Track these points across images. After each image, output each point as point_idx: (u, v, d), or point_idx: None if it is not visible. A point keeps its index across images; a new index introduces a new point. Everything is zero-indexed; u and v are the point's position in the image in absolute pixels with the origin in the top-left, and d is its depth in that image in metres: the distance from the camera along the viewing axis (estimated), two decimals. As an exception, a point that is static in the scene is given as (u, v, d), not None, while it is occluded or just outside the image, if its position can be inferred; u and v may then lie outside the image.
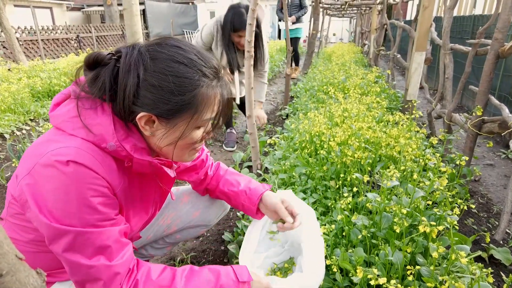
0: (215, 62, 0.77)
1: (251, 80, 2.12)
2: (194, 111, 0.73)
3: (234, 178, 1.14)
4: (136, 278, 0.73)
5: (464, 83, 2.22)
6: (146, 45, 0.74)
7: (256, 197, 1.06)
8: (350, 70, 4.08)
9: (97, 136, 0.70)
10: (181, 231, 1.23)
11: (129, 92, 0.70)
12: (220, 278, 0.79)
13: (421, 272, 0.86)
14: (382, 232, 1.13)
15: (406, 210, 0.95)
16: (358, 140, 1.71)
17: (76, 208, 0.67)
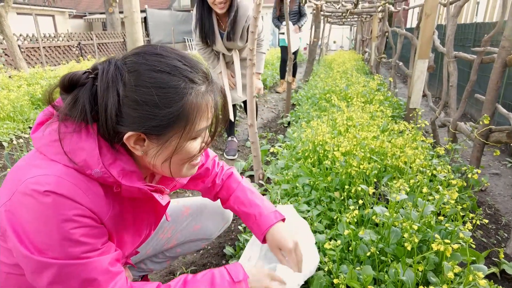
0: (203, 66, 0.71)
1: (253, 89, 2.08)
2: (186, 122, 0.67)
3: (247, 196, 1.04)
4: None
5: (469, 91, 2.19)
6: (123, 57, 0.67)
7: (264, 227, 0.98)
8: (352, 78, 4.05)
9: (80, 163, 0.64)
10: (182, 244, 1.19)
11: (111, 112, 0.63)
12: (215, 281, 0.78)
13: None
14: (391, 247, 1.08)
15: (417, 225, 0.91)
16: (363, 150, 1.67)
17: (58, 240, 0.62)
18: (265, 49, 2.70)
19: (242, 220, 1.05)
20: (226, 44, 2.55)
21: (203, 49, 2.63)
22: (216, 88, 0.73)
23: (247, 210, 1.01)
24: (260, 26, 2.65)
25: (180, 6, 21.85)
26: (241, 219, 1.06)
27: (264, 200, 1.04)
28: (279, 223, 0.99)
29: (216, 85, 0.73)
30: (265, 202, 1.04)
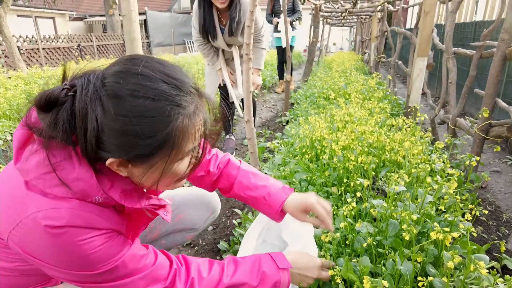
0: (191, 81, 0.66)
1: (249, 83, 2.06)
2: (171, 147, 0.63)
3: (250, 180, 1.01)
4: (192, 277, 0.76)
5: (469, 87, 2.16)
6: (103, 76, 0.61)
7: (277, 205, 0.96)
8: (351, 77, 4.03)
9: (78, 193, 0.63)
10: (166, 236, 1.16)
11: (91, 138, 0.59)
12: (262, 265, 0.83)
13: (433, 284, 0.78)
14: (389, 240, 1.05)
15: (416, 216, 0.88)
16: (361, 144, 1.64)
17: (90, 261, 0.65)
18: (265, 45, 2.66)
19: (251, 205, 1.02)
20: (227, 40, 2.53)
21: (203, 45, 2.61)
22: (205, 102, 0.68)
23: (254, 194, 0.98)
24: (260, 22, 2.62)
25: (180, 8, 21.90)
26: (249, 205, 1.03)
27: (269, 179, 1.02)
28: (291, 195, 0.98)
29: (205, 98, 0.69)
30: (271, 180, 1.01)
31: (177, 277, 0.76)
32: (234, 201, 2.03)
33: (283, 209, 0.97)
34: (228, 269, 0.83)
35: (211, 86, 2.84)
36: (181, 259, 0.81)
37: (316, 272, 0.92)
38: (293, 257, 0.91)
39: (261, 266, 0.84)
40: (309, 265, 0.91)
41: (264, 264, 0.84)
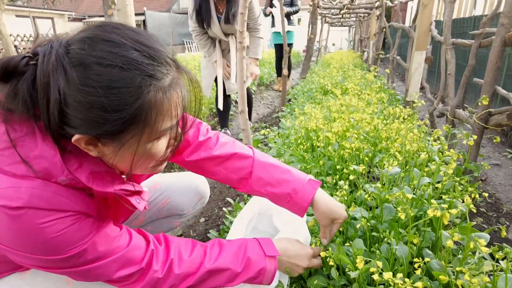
0: (169, 53, 0.60)
1: (243, 74, 2.01)
2: (144, 124, 0.56)
3: (271, 175, 0.88)
4: (171, 258, 0.73)
5: (468, 76, 2.11)
6: (67, 42, 0.55)
7: (305, 203, 0.87)
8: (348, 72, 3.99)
9: (41, 172, 0.57)
10: (152, 222, 1.11)
11: (54, 112, 0.53)
12: (247, 250, 0.79)
13: (431, 265, 0.73)
14: (384, 225, 1.00)
15: (412, 196, 0.83)
16: (357, 133, 1.59)
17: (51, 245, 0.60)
18: (262, 34, 2.64)
19: (271, 200, 0.92)
20: (224, 28, 2.49)
21: (199, 35, 2.57)
22: (185, 77, 0.62)
23: (277, 191, 0.87)
24: (257, 11, 2.60)
25: (179, 8, 21.88)
26: (267, 198, 0.93)
27: (292, 172, 0.90)
28: (318, 192, 0.88)
29: (185, 72, 0.62)
30: (294, 173, 0.90)
31: (154, 259, 0.71)
32: (227, 192, 1.98)
33: (312, 205, 0.89)
34: (211, 253, 0.78)
35: (207, 79, 2.80)
36: (162, 239, 0.76)
37: (307, 261, 0.87)
38: (282, 245, 0.86)
39: (246, 252, 0.79)
40: (299, 254, 0.87)
41: (250, 249, 0.80)
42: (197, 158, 0.91)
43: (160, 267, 0.71)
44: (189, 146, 0.92)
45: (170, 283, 0.72)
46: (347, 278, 0.93)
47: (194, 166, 0.94)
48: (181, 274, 0.73)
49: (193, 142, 0.92)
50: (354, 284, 0.80)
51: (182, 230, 1.67)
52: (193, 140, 0.92)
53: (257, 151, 0.94)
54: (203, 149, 0.91)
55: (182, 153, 0.92)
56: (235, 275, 0.78)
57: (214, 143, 0.92)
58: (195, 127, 0.93)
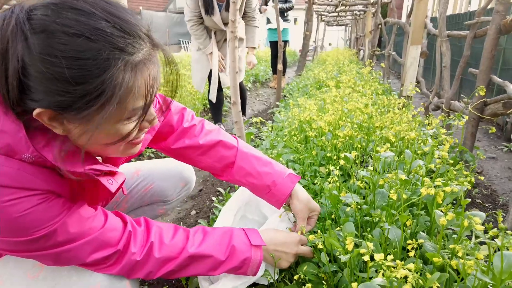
0: (144, 27, 0.55)
1: (235, 64, 1.97)
2: (109, 101, 0.51)
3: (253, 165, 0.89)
4: (151, 241, 0.69)
5: (463, 68, 2.09)
6: (31, 8, 0.50)
7: (283, 196, 0.89)
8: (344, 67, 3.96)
9: (3, 149, 0.53)
10: (135, 210, 1.07)
11: (12, 82, 0.49)
12: (233, 238, 0.77)
13: (424, 247, 0.69)
14: (376, 211, 0.97)
15: (405, 178, 0.79)
16: (351, 122, 1.56)
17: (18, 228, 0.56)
18: (258, 23, 2.64)
19: (251, 190, 0.94)
20: (224, 16, 2.46)
21: (196, 25, 2.53)
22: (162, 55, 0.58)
23: (257, 182, 0.89)
24: (254, 3, 2.62)
25: (175, 8, 21.82)
26: (247, 188, 0.95)
27: (273, 165, 0.91)
28: (297, 186, 0.91)
29: (162, 51, 0.58)
30: (275, 166, 0.91)
31: (131, 240, 0.67)
32: (219, 184, 1.94)
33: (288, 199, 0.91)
34: (194, 238, 0.75)
35: (201, 73, 2.75)
36: (142, 221, 0.73)
37: (295, 247, 0.84)
38: (268, 235, 0.83)
39: (231, 240, 0.76)
40: (286, 241, 0.84)
41: (235, 238, 0.77)
42: (182, 146, 0.89)
43: (139, 250, 0.67)
44: (174, 132, 0.89)
45: (149, 267, 0.68)
46: (338, 265, 0.89)
47: (178, 153, 0.91)
48: (161, 258, 0.69)
49: (177, 128, 0.89)
50: (345, 269, 0.76)
51: (172, 222, 1.63)
52: (177, 126, 0.89)
53: (241, 141, 0.94)
54: (188, 136, 0.89)
55: (167, 139, 0.89)
56: (219, 263, 0.74)
57: (199, 131, 0.90)
58: (179, 112, 0.90)
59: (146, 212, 1.08)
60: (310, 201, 0.91)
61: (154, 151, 2.61)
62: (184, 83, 3.82)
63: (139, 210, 1.07)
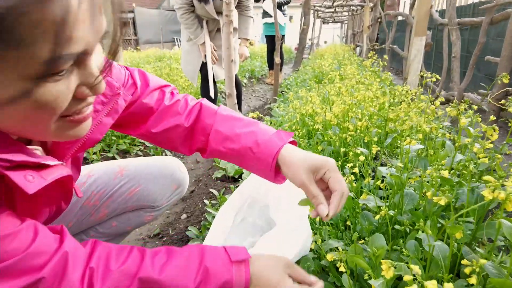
0: None
1: (230, 52, 1.79)
2: (7, 44, 0.31)
3: (231, 127, 0.68)
4: (90, 267, 0.51)
5: (477, 56, 1.93)
6: None
7: (270, 157, 0.63)
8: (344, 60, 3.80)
9: None
10: (117, 217, 0.88)
11: None
12: (205, 257, 0.57)
13: (484, 269, 0.52)
14: (405, 216, 0.79)
15: (446, 175, 0.62)
16: (362, 113, 1.38)
17: None
18: (252, 13, 2.46)
19: (237, 163, 0.71)
20: (217, 5, 2.27)
21: (187, 14, 2.33)
22: None
23: (237, 146, 0.66)
24: None
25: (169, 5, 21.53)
26: (235, 164, 0.72)
27: (258, 124, 0.69)
28: (287, 146, 0.63)
29: None
30: (261, 125, 0.69)
31: (69, 265, 0.47)
32: (213, 184, 1.76)
33: (279, 163, 0.63)
34: (154, 261, 0.54)
35: (193, 64, 2.56)
36: (89, 244, 0.54)
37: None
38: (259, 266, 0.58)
39: (203, 260, 0.56)
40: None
41: (208, 256, 0.56)
42: (166, 127, 0.70)
43: (78, 279, 0.48)
44: (154, 113, 0.70)
45: None
46: (361, 285, 0.71)
47: (162, 138, 0.72)
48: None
49: (158, 108, 0.70)
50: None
51: (160, 228, 1.44)
52: (157, 106, 0.70)
53: (223, 106, 0.74)
54: (171, 115, 0.70)
55: (146, 122, 0.70)
56: None
57: (183, 107, 0.72)
58: (159, 89, 0.71)
59: (131, 219, 0.89)
60: (309, 157, 0.61)
61: (143, 148, 2.41)
62: (176, 77, 3.63)
63: (123, 216, 0.89)
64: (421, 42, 3.13)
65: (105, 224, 0.88)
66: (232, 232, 0.83)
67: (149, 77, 0.72)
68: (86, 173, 0.84)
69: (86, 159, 2.16)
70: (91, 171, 0.85)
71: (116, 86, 0.58)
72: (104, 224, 0.88)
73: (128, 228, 0.93)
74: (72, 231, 0.85)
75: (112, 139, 2.33)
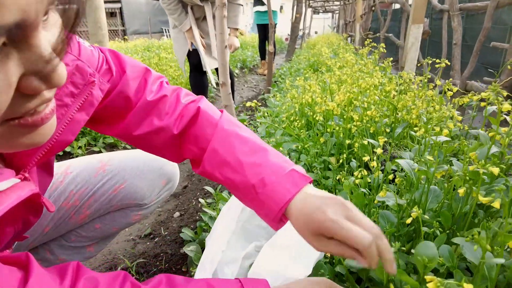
0: None
1: (224, 37, 1.67)
2: None
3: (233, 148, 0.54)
4: None
5: (482, 42, 1.85)
6: None
7: (276, 206, 0.49)
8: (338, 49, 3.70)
9: None
10: (101, 217, 0.77)
11: None
12: None
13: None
14: (428, 214, 0.70)
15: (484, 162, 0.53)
16: (367, 102, 1.29)
17: None
18: (242, 1, 2.31)
19: (230, 190, 0.57)
20: None
21: None
22: None
23: (237, 178, 0.53)
24: None
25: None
26: (230, 190, 0.58)
27: (268, 152, 0.54)
28: (302, 193, 0.49)
29: None
30: (271, 156, 0.54)
31: None
32: (208, 180, 1.66)
33: (288, 213, 0.50)
34: None
35: (179, 53, 2.44)
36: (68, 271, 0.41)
37: None
38: None
39: None
40: None
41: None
42: (148, 130, 0.56)
43: None
44: (133, 108, 0.57)
45: None
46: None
47: (143, 142, 0.59)
48: None
49: (138, 101, 0.57)
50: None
51: (151, 227, 1.34)
52: (136, 98, 0.57)
53: (226, 115, 0.60)
54: (156, 114, 0.57)
55: (124, 119, 0.57)
56: None
57: (172, 105, 0.58)
58: (140, 76, 0.57)
59: (116, 219, 0.79)
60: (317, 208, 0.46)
61: (132, 142, 2.29)
62: (165, 67, 3.48)
63: (107, 217, 0.78)
64: (418, 29, 3.04)
65: (87, 226, 0.77)
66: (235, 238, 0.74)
67: (124, 59, 0.57)
68: (63, 170, 0.73)
69: (70, 154, 2.03)
70: (69, 167, 0.74)
71: (89, 72, 0.46)
72: (87, 227, 0.77)
73: (114, 229, 0.83)
74: (49, 237, 0.74)
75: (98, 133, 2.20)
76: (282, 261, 0.64)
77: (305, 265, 0.64)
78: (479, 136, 0.74)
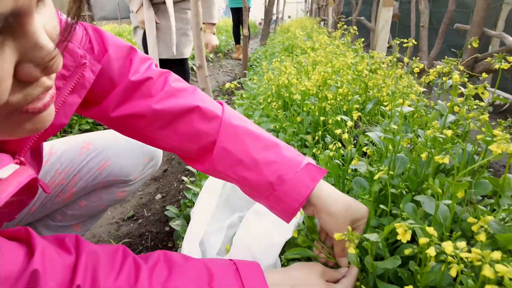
0: None
1: (199, 18, 1.66)
2: None
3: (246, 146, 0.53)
4: (77, 285, 0.39)
5: (447, 24, 1.95)
6: None
7: (296, 202, 0.52)
8: (312, 33, 3.75)
9: None
10: (86, 195, 0.79)
11: None
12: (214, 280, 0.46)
13: (491, 228, 0.50)
14: (396, 180, 0.77)
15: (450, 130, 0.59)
16: (340, 81, 1.35)
17: None
18: None
19: (243, 190, 0.57)
20: None
21: None
22: None
23: (254, 177, 0.53)
24: None
25: (124, -23, 20.15)
26: (239, 187, 0.58)
27: (280, 147, 0.55)
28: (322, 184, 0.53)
29: None
30: (284, 151, 0.55)
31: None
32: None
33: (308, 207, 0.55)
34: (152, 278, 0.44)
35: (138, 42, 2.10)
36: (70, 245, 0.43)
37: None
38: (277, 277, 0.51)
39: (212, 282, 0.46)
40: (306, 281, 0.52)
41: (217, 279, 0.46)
42: (129, 112, 0.54)
43: None
44: (114, 89, 0.54)
45: None
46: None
47: (124, 125, 0.57)
48: None
49: (121, 81, 0.54)
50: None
51: (133, 210, 1.35)
52: (120, 78, 0.54)
53: (229, 108, 0.59)
54: (139, 97, 0.54)
55: (104, 100, 0.54)
56: None
57: (158, 88, 0.55)
58: (126, 57, 0.55)
59: (102, 197, 0.81)
60: (351, 204, 0.55)
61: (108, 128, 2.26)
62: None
63: (93, 194, 0.79)
64: (388, 12, 3.14)
65: (73, 205, 0.79)
66: (219, 210, 0.78)
67: (107, 38, 0.54)
68: (48, 151, 0.74)
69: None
70: (53, 147, 0.75)
71: (79, 53, 0.45)
72: (72, 205, 0.79)
73: (101, 207, 0.85)
74: (35, 217, 0.75)
75: (73, 119, 2.15)
76: (264, 226, 0.69)
77: (285, 230, 0.70)
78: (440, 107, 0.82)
